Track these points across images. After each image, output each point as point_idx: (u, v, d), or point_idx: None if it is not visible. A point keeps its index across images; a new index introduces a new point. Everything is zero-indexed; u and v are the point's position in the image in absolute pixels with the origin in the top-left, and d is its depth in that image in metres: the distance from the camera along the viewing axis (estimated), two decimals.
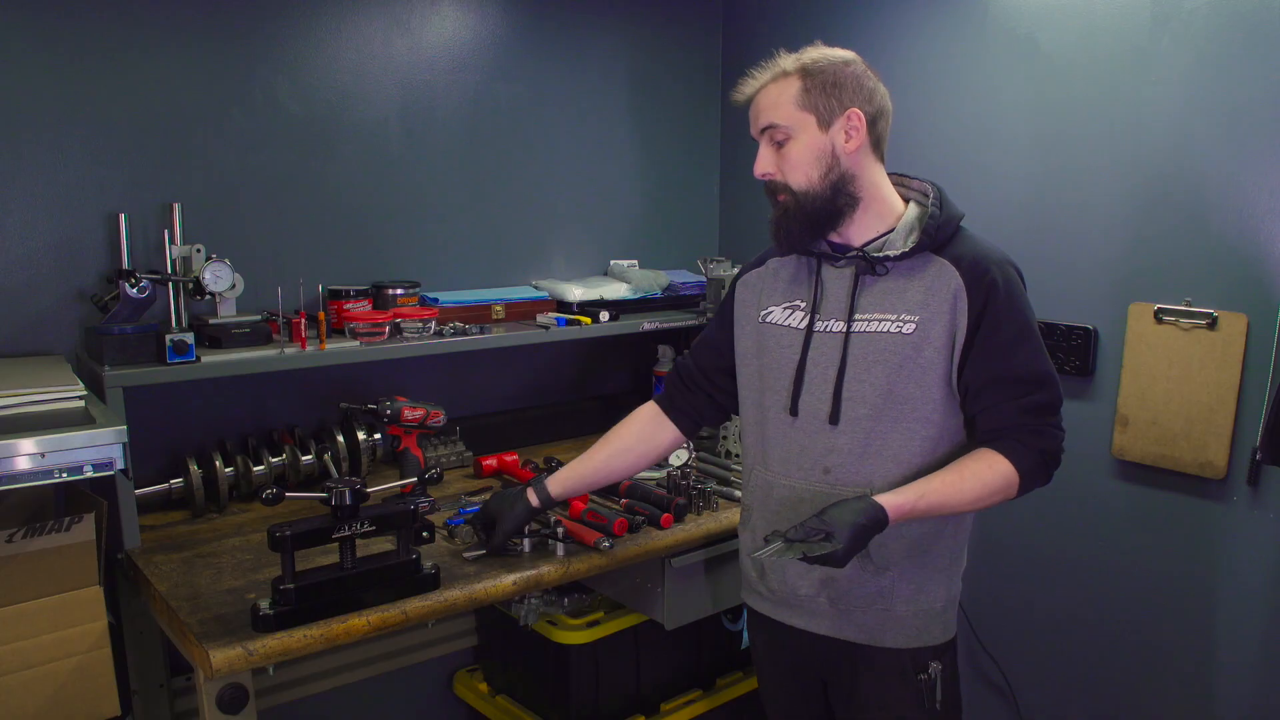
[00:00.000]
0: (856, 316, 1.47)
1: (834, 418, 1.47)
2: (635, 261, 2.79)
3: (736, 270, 2.44)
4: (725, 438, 2.40)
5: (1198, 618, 1.99)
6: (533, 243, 2.62)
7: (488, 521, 1.76)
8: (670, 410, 1.74)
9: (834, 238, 1.51)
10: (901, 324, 1.43)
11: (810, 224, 1.47)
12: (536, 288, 2.57)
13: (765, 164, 1.48)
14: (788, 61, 1.47)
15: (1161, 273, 1.97)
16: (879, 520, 1.36)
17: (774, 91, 1.46)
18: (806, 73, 1.44)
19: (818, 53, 1.46)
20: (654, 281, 2.62)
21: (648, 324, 2.51)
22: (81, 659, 1.58)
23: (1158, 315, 1.96)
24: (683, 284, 2.71)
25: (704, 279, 2.64)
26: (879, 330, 1.45)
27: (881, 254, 1.46)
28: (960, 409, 1.47)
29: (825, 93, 1.43)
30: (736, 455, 2.37)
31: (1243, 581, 1.92)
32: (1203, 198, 1.90)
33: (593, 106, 2.67)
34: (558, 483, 1.72)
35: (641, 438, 1.74)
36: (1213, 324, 1.89)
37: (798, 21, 2.66)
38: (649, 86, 2.78)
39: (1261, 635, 1.91)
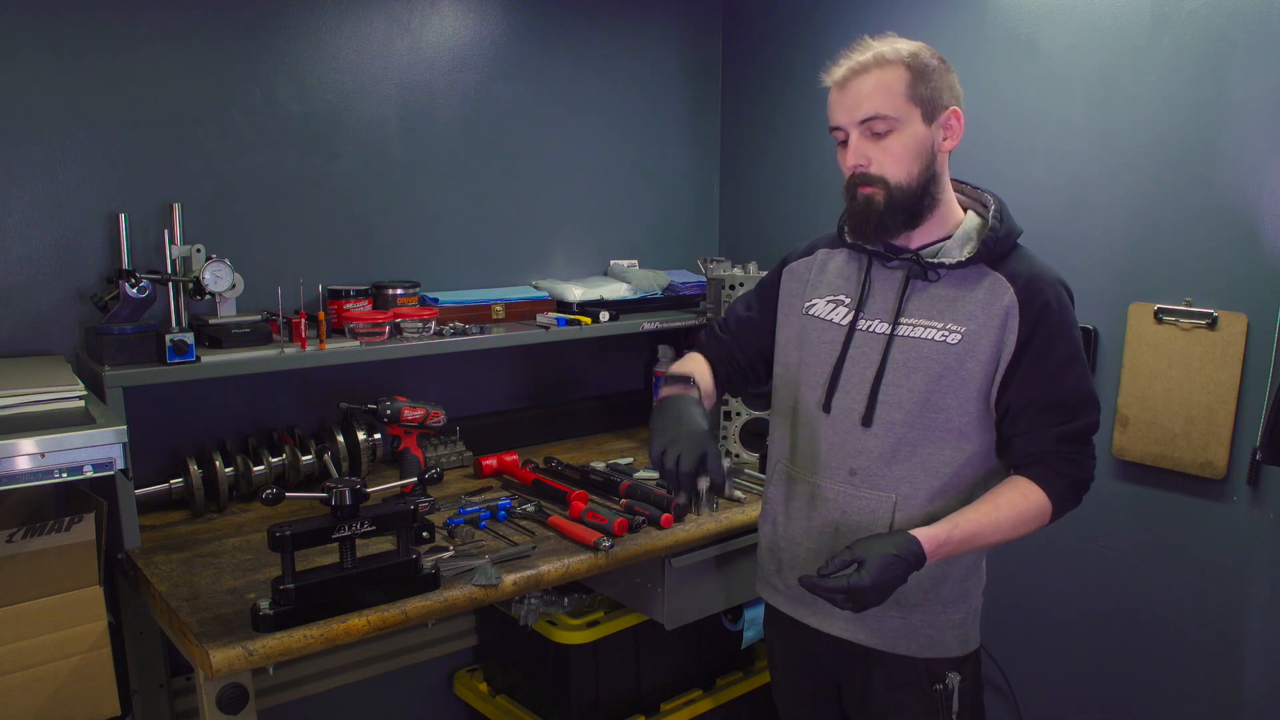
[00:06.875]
0: (902, 320, 1.45)
1: (867, 419, 1.45)
2: (635, 261, 2.79)
3: (736, 270, 2.47)
4: (725, 438, 2.40)
5: (1197, 617, 1.99)
6: (533, 243, 2.62)
7: (687, 459, 1.43)
8: (713, 366, 1.68)
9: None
10: (947, 333, 1.41)
11: (898, 218, 1.42)
12: (536, 288, 2.57)
13: (859, 155, 1.40)
14: (885, 48, 1.39)
15: (1161, 273, 1.97)
16: (914, 553, 1.32)
17: (880, 79, 1.37)
18: (913, 64, 1.38)
19: (910, 45, 1.40)
20: (654, 281, 2.62)
21: (648, 324, 2.51)
22: (81, 659, 1.58)
23: (1158, 315, 1.96)
24: (683, 284, 2.71)
25: (704, 279, 2.64)
26: (923, 337, 1.43)
27: (936, 260, 1.44)
28: (995, 428, 1.44)
29: (931, 87, 1.38)
30: (736, 455, 2.37)
31: (1243, 581, 1.92)
32: (1203, 198, 1.90)
33: (593, 106, 2.67)
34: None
35: (703, 377, 1.65)
36: (1213, 324, 1.89)
37: (798, 22, 2.66)
38: (649, 86, 2.78)
39: (1262, 635, 1.90)
